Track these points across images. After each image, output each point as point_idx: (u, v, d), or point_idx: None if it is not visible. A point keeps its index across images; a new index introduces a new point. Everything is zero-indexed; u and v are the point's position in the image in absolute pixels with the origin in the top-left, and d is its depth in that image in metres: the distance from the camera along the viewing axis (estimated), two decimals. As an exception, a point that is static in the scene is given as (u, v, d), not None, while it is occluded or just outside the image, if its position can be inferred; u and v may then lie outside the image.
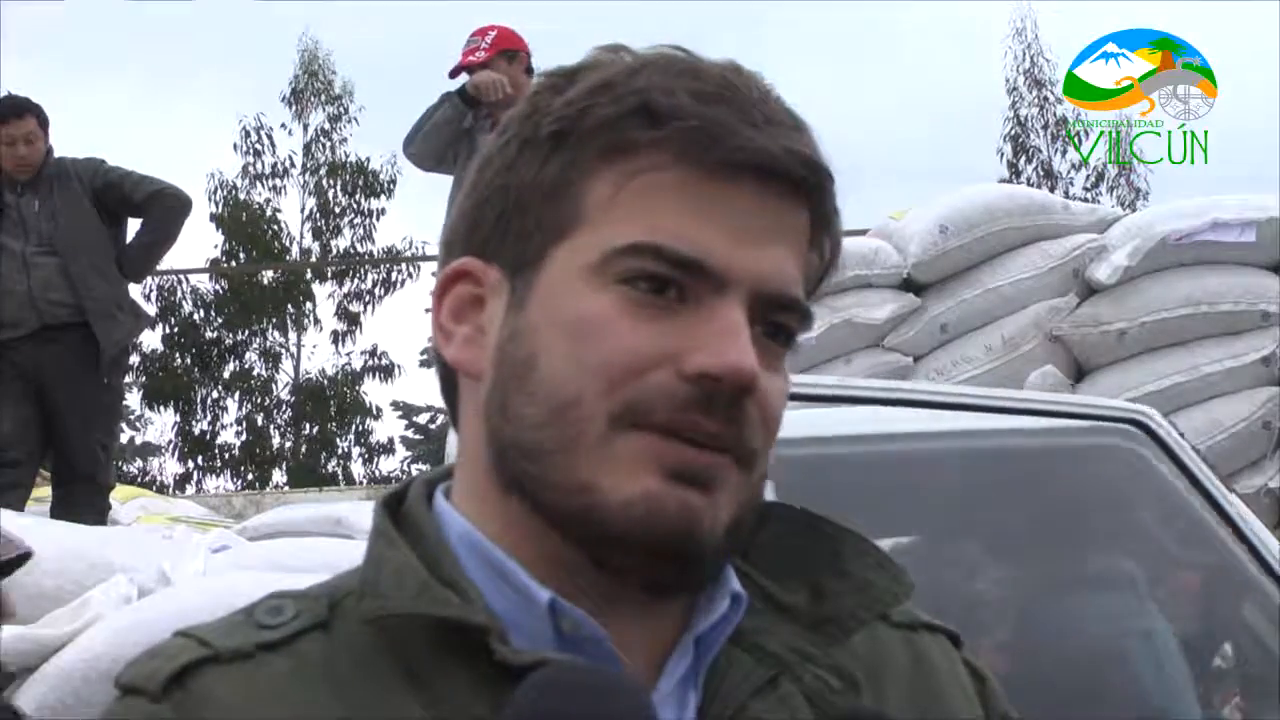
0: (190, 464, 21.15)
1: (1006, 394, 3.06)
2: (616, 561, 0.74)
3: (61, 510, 4.64)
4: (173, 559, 2.96)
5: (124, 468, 19.37)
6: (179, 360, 21.32)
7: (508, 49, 4.86)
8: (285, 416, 21.78)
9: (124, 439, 20.35)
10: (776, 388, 0.77)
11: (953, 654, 0.88)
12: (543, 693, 0.69)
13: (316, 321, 21.78)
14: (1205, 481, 2.43)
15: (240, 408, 21.58)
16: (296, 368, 21.75)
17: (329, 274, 21.80)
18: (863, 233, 5.59)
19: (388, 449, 21.88)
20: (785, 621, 0.80)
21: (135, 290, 5.45)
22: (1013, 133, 20.68)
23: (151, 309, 20.87)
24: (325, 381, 21.71)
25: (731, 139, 0.74)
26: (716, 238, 0.74)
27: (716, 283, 0.74)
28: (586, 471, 0.73)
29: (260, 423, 21.63)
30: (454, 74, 4.91)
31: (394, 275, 21.31)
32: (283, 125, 22.01)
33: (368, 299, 21.68)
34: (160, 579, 2.79)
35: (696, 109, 0.74)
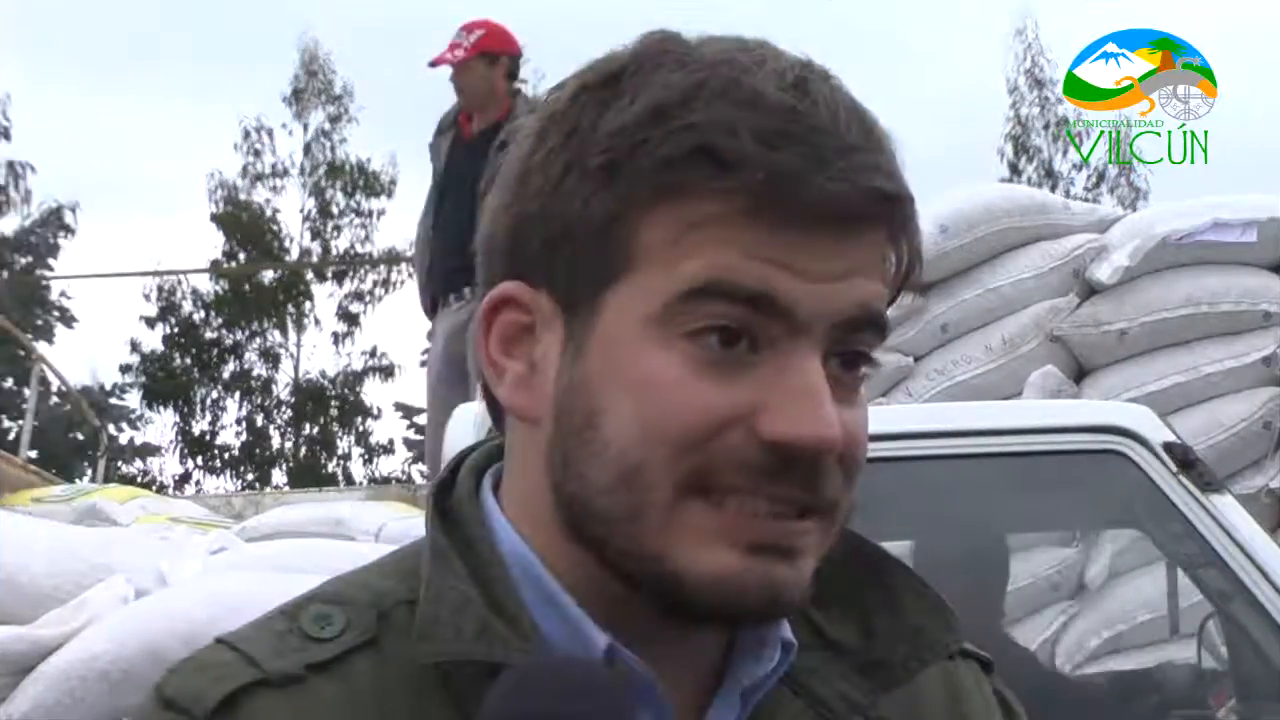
0: (190, 464, 21.16)
1: (982, 411, 3.03)
2: (694, 621, 0.72)
3: None
4: (171, 560, 2.96)
5: (124, 468, 19.37)
6: (179, 360, 21.31)
7: (489, 51, 4.73)
8: (285, 416, 21.77)
9: (124, 439, 20.36)
10: (857, 424, 0.73)
11: (984, 683, 0.87)
12: (515, 690, 0.67)
13: (316, 321, 21.79)
14: (1189, 485, 2.42)
15: (240, 408, 21.60)
16: (296, 368, 21.75)
17: (329, 274, 21.80)
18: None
19: (388, 449, 21.89)
20: (833, 660, 0.78)
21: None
22: (1013, 133, 20.68)
23: (152, 309, 20.94)
24: (325, 381, 21.70)
25: (804, 191, 0.68)
26: (790, 273, 0.69)
27: (791, 323, 0.69)
28: (657, 543, 0.70)
29: (260, 423, 21.64)
30: (434, 64, 4.86)
31: (394, 275, 21.31)
32: (283, 125, 22.02)
33: (368, 299, 21.69)
34: (158, 580, 2.79)
35: (763, 156, 0.68)
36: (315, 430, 21.66)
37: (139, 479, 18.75)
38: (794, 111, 0.70)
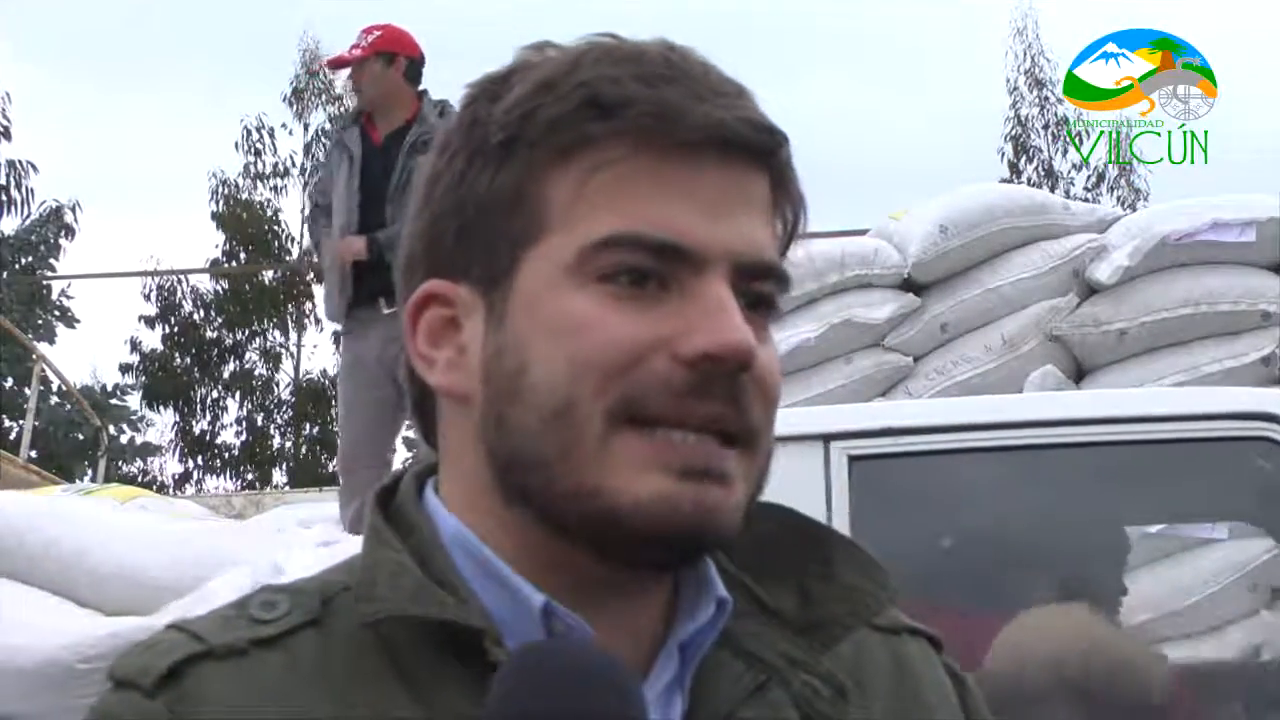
0: (190, 464, 21.14)
1: (1124, 399, 2.95)
2: (629, 556, 0.74)
3: None
4: (286, 552, 2.94)
5: (124, 468, 19.37)
6: (179, 360, 21.30)
7: (386, 51, 4.77)
8: (285, 416, 21.76)
9: (124, 439, 20.36)
10: (769, 359, 0.77)
11: (933, 658, 0.88)
12: (530, 670, 0.68)
13: (317, 321, 21.76)
14: None
15: (240, 408, 21.57)
16: (296, 368, 21.75)
17: (329, 274, 21.75)
18: (863, 233, 5.59)
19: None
20: (773, 625, 0.80)
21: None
22: (1013, 133, 20.66)
23: (152, 309, 20.93)
24: (325, 381, 21.69)
25: (687, 117, 0.74)
26: (689, 218, 0.74)
27: (696, 263, 0.74)
28: (592, 475, 0.72)
29: (260, 423, 21.62)
30: (333, 65, 5.00)
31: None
32: (283, 125, 22.00)
33: (368, 299, 21.65)
34: (275, 571, 2.78)
35: (646, 93, 0.74)
36: (315, 430, 21.65)
37: (139, 479, 18.75)
38: (670, 62, 0.76)
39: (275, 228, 21.85)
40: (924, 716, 0.84)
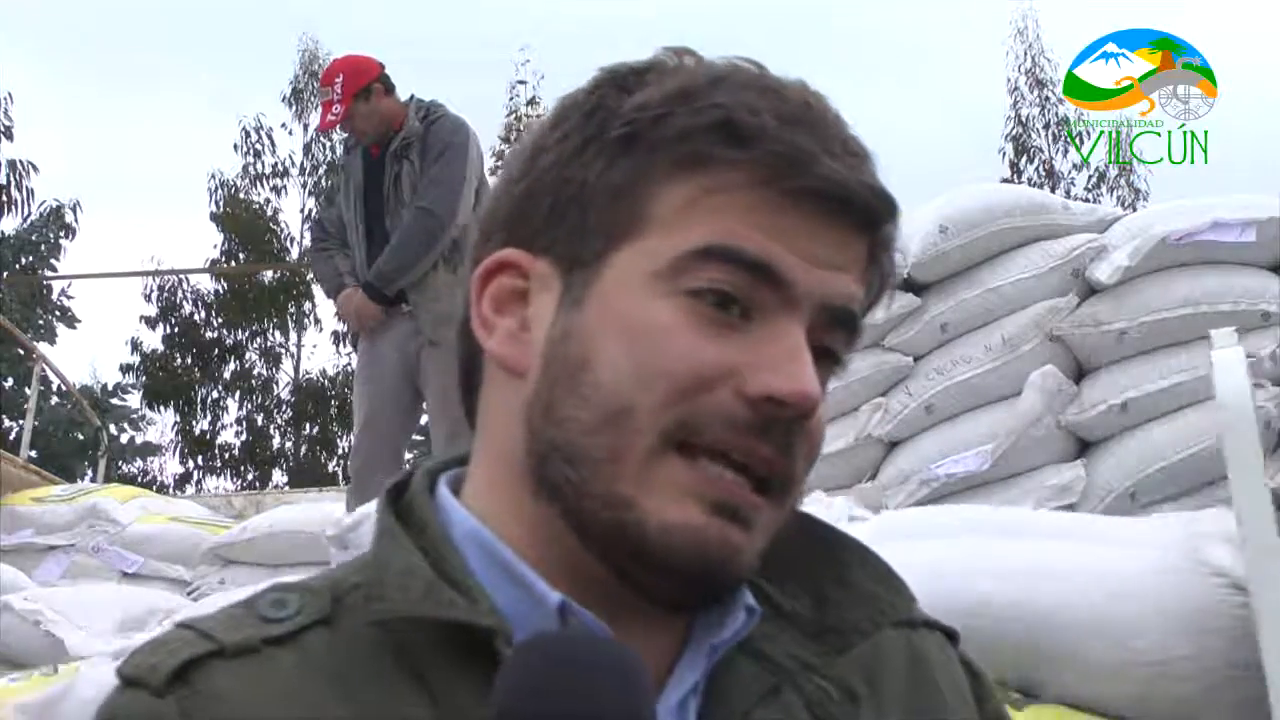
0: (190, 464, 21.15)
1: None
2: (643, 579, 0.74)
3: None
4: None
5: (124, 468, 19.37)
6: (179, 360, 21.31)
7: (358, 89, 4.74)
8: (285, 416, 21.76)
9: (124, 439, 20.36)
10: (823, 414, 0.76)
11: (949, 651, 0.88)
12: (534, 663, 0.67)
13: (317, 321, 21.79)
14: None
15: (240, 408, 21.59)
16: (296, 368, 21.75)
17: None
18: (863, 233, 5.58)
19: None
20: (788, 628, 0.80)
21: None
22: (1014, 133, 20.66)
23: (152, 309, 20.93)
24: (325, 382, 21.70)
25: (815, 168, 0.74)
26: (789, 258, 0.74)
27: (785, 295, 0.74)
28: (630, 486, 0.72)
29: (260, 423, 21.63)
30: (323, 130, 4.92)
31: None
32: (283, 125, 22.05)
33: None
34: None
35: (781, 133, 0.74)
36: (315, 430, 21.65)
37: (139, 479, 18.78)
38: (808, 105, 0.76)
39: (275, 228, 21.85)
40: (939, 710, 0.84)
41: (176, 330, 21.23)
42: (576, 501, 0.73)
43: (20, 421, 11.09)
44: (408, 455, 4.91)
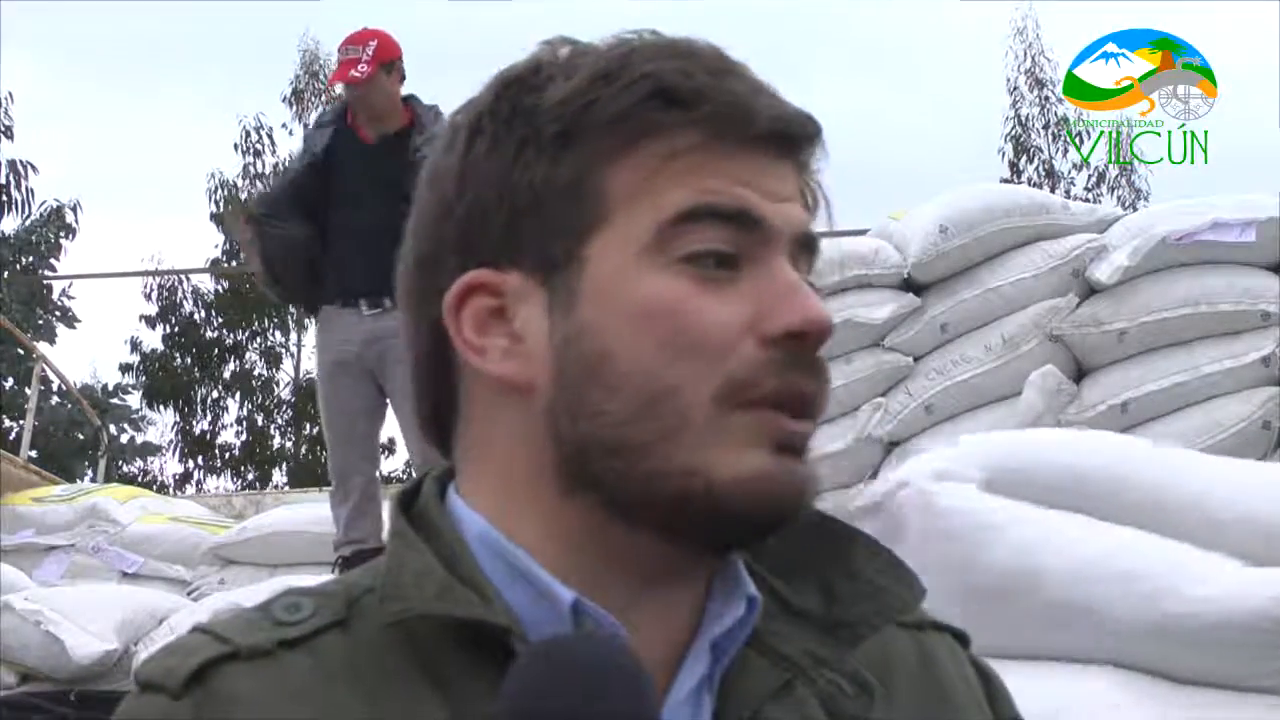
0: (190, 464, 21.14)
1: None
2: (712, 534, 0.74)
3: None
4: None
5: (124, 468, 19.39)
6: (179, 360, 21.31)
7: (386, 61, 4.62)
8: (285, 416, 21.77)
9: (124, 439, 20.37)
10: None
11: (960, 654, 0.88)
12: (541, 666, 0.68)
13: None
14: None
15: (240, 408, 21.57)
16: (296, 368, 21.73)
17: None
18: (863, 233, 5.59)
19: (389, 449, 21.88)
20: (798, 624, 0.80)
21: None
22: (1014, 133, 20.65)
23: (152, 309, 20.95)
24: (325, 381, 21.68)
25: (756, 111, 0.76)
26: (755, 198, 0.76)
27: (764, 237, 0.75)
28: (695, 456, 0.72)
29: (260, 423, 21.62)
30: (348, 84, 4.59)
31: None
32: (283, 125, 22.00)
33: (368, 298, 21.64)
34: None
35: (718, 87, 0.75)
36: (316, 430, 21.65)
37: (140, 479, 18.77)
38: (723, 57, 0.77)
39: (275, 228, 21.83)
40: (950, 713, 0.84)
41: (176, 330, 21.21)
42: (623, 486, 0.73)
43: (20, 421, 11.10)
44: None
